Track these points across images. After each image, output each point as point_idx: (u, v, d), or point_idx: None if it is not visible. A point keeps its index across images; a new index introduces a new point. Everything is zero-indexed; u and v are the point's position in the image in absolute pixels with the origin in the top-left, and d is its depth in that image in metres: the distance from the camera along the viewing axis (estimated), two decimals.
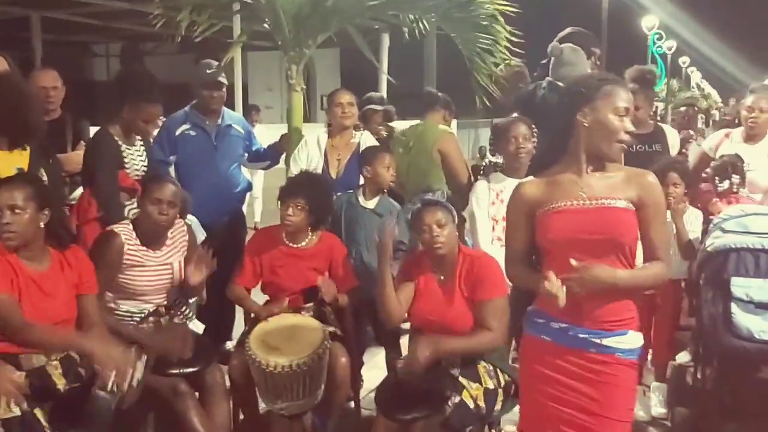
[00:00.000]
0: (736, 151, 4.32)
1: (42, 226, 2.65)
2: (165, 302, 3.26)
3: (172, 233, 3.28)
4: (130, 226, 3.18)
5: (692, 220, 3.89)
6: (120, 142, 3.69)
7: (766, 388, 3.04)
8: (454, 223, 3.06)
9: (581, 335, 2.26)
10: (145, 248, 3.17)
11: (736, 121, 5.55)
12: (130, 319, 3.14)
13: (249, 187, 4.80)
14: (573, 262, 2.16)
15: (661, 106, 16.76)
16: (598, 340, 2.24)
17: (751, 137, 4.44)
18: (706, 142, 4.91)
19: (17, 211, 2.57)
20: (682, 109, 6.69)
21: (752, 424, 3.11)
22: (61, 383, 2.64)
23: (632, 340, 2.28)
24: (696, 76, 29.30)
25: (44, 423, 2.50)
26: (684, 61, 25.65)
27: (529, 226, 2.35)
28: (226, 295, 3.59)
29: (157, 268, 3.20)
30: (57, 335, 2.64)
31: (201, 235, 3.72)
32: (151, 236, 3.19)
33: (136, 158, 3.77)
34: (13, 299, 2.54)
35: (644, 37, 23.39)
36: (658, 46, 24.16)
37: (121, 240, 3.11)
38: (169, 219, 3.18)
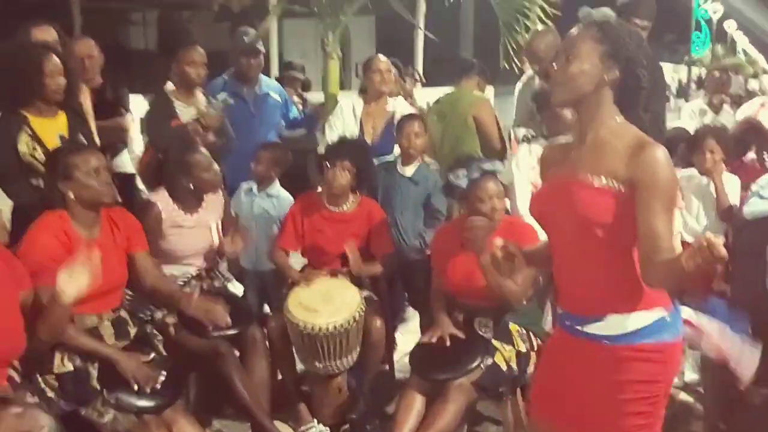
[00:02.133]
0: None
1: None
2: (205, 265, 3.36)
3: (207, 196, 3.37)
4: (166, 193, 3.28)
5: (728, 185, 3.81)
6: (173, 99, 3.83)
7: None
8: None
9: (567, 321, 2.06)
10: (182, 212, 3.27)
11: None
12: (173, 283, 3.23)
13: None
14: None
15: (704, 72, 16.32)
16: (579, 327, 2.01)
17: None
18: (741, 111, 4.82)
19: (105, 172, 2.72)
20: (716, 73, 6.49)
21: None
22: (111, 342, 2.74)
23: (614, 325, 1.94)
24: (743, 41, 28.39)
25: (95, 379, 2.60)
26: (729, 25, 24.82)
27: None
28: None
29: (194, 229, 3.30)
30: (85, 340, 2.64)
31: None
32: (189, 201, 3.29)
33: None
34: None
35: (689, 1, 22.74)
36: (703, 11, 23.43)
37: (158, 208, 3.22)
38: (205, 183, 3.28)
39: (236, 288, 3.51)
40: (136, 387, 2.60)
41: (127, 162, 4.38)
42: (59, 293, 2.27)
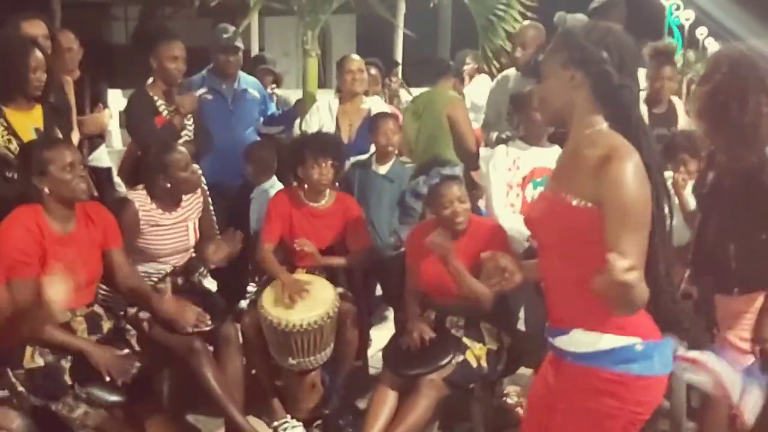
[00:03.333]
0: None
1: None
2: (181, 263, 3.36)
3: (186, 195, 3.37)
4: (144, 192, 3.28)
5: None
6: (156, 98, 3.82)
7: None
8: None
9: (545, 333, 1.98)
10: (160, 210, 3.27)
11: None
12: (147, 279, 3.22)
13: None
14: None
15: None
16: (551, 339, 1.94)
17: None
18: None
19: (80, 167, 2.71)
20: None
21: None
22: (84, 337, 2.73)
23: (577, 341, 1.83)
24: (714, 48, 28.72)
25: (67, 375, 2.60)
26: (702, 32, 25.08)
27: None
28: (243, 255, 3.67)
29: (172, 228, 3.30)
30: (58, 333, 2.64)
31: None
32: (167, 200, 3.29)
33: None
34: (27, 283, 2.56)
35: (661, 8, 22.97)
36: (675, 17, 23.68)
37: (135, 207, 3.20)
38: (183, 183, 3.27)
39: (210, 284, 3.50)
40: (108, 379, 2.59)
41: (104, 156, 4.37)
42: (49, 302, 2.30)
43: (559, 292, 1.92)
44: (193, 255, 3.40)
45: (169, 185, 3.22)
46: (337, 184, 3.69)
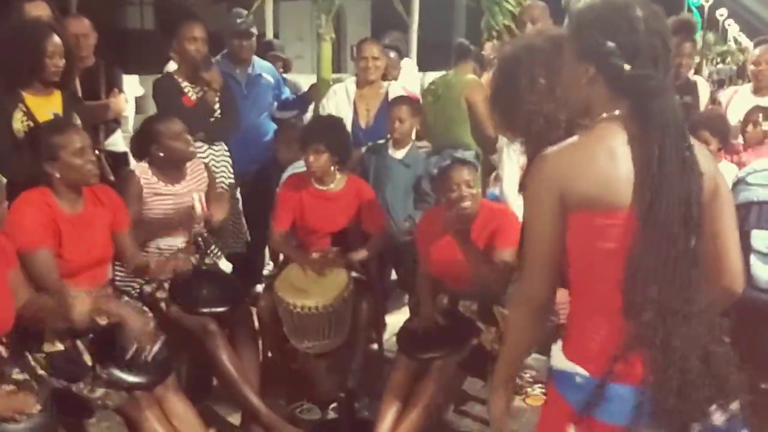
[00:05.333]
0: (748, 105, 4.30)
1: None
2: (192, 238, 3.37)
3: (190, 169, 3.41)
4: (146, 165, 3.32)
5: (723, 173, 3.85)
6: (180, 80, 3.86)
7: None
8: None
9: None
10: (162, 183, 3.31)
11: None
12: (159, 256, 3.24)
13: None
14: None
15: (696, 59, 16.27)
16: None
17: (758, 90, 4.43)
18: (720, 99, 4.88)
19: (90, 151, 2.74)
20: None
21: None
22: (102, 319, 2.73)
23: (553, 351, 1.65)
24: (733, 29, 28.33)
25: (86, 356, 2.61)
26: (722, 13, 24.70)
27: None
28: (263, 241, 3.69)
29: (175, 197, 3.32)
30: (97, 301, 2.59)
31: None
32: (168, 172, 3.32)
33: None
34: (51, 255, 2.61)
35: None
36: None
37: (137, 177, 3.25)
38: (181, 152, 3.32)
39: (226, 266, 3.53)
40: (130, 356, 2.58)
41: (119, 141, 4.40)
42: (73, 309, 2.38)
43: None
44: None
45: (162, 154, 3.25)
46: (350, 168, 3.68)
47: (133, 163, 3.68)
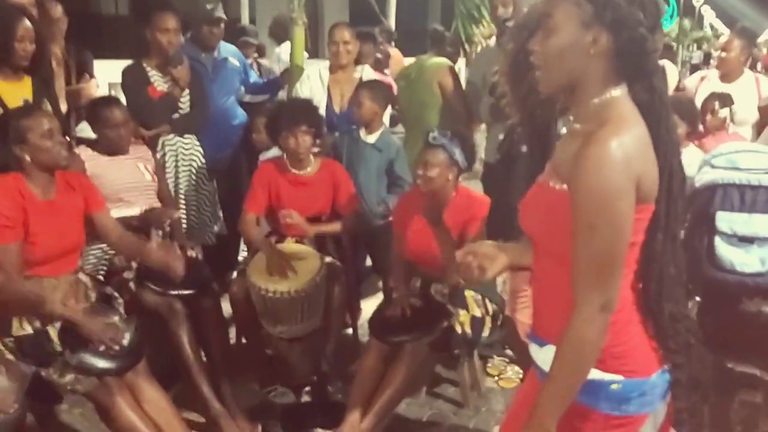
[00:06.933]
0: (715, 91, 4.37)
1: None
2: (147, 207, 3.42)
3: (134, 149, 3.51)
4: (89, 148, 3.40)
5: (689, 157, 3.91)
6: (149, 69, 3.82)
7: (746, 319, 3.15)
8: (451, 167, 3.07)
9: (527, 336, 1.73)
10: (104, 157, 3.41)
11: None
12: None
13: (246, 121, 4.84)
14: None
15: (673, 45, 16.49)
16: (529, 343, 1.69)
17: (725, 75, 4.49)
18: (687, 84, 4.93)
19: (59, 134, 2.73)
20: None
21: (732, 355, 3.24)
22: (71, 304, 2.73)
23: (549, 360, 1.49)
24: (709, 15, 28.53)
25: (55, 341, 2.61)
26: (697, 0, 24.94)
27: None
28: (234, 226, 3.68)
29: (120, 164, 3.42)
30: (49, 306, 2.63)
31: None
32: (108, 148, 3.43)
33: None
34: (17, 251, 2.59)
35: None
36: None
37: (81, 158, 3.31)
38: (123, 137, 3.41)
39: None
40: (102, 348, 2.62)
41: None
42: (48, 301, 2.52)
43: (543, 295, 1.65)
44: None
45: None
46: (323, 152, 3.69)
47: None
